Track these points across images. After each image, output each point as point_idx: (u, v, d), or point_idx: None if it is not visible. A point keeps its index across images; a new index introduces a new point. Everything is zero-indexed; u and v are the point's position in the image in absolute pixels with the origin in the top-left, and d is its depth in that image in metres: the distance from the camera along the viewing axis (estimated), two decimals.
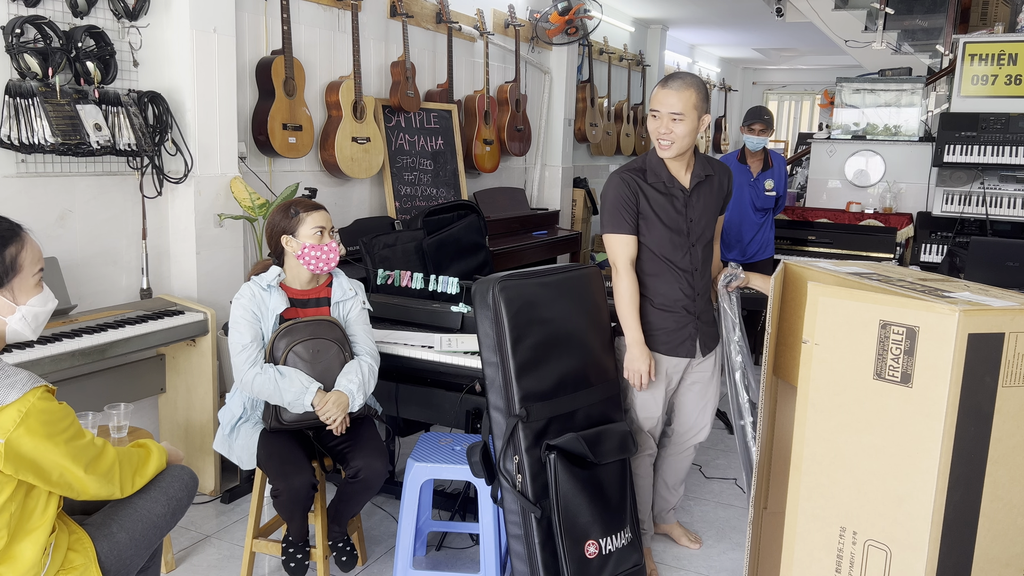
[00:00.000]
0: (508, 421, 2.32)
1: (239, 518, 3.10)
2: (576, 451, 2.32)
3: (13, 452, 1.52)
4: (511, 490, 2.32)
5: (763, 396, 2.02)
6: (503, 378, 2.34)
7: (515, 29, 5.78)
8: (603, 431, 2.43)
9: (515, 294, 2.35)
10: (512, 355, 2.32)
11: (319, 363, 2.44)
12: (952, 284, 1.67)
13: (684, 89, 2.38)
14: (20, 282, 1.62)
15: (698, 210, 2.53)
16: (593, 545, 2.35)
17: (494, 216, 5.29)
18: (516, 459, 2.32)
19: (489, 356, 2.35)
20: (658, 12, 8.18)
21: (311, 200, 2.61)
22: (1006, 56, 4.81)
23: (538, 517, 2.30)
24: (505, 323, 2.32)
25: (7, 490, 1.56)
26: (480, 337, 2.37)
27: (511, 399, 2.33)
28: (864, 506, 1.53)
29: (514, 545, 2.35)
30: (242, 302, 2.47)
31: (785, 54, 11.42)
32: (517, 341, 2.33)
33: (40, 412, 1.55)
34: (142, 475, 1.85)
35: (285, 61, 3.71)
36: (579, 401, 2.45)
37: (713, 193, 2.57)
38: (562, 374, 2.41)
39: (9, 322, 1.63)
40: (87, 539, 1.76)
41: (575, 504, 2.32)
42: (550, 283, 2.46)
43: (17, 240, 1.61)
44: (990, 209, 4.91)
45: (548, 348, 2.39)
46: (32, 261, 1.64)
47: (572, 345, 2.45)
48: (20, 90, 2.72)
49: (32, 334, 1.68)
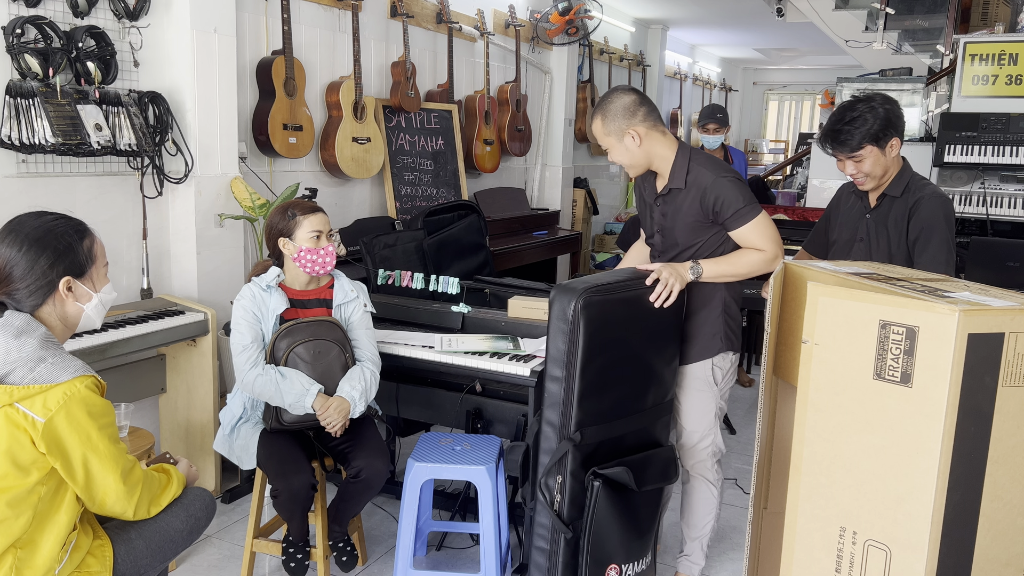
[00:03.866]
0: (560, 443, 2.22)
1: (239, 518, 3.10)
2: (622, 481, 2.25)
3: (51, 434, 1.56)
4: (547, 507, 2.25)
5: (763, 396, 2.02)
6: (564, 397, 2.21)
7: (515, 29, 5.78)
8: (650, 456, 2.35)
9: (597, 312, 2.18)
10: (580, 376, 2.19)
11: (320, 364, 2.45)
12: (952, 284, 1.67)
13: (592, 122, 2.40)
14: (96, 272, 1.76)
15: (665, 221, 2.43)
16: (614, 570, 2.31)
17: (494, 216, 5.29)
18: (560, 479, 2.24)
19: (554, 371, 2.22)
20: (658, 12, 8.18)
21: (310, 202, 2.59)
22: (1007, 56, 4.81)
23: (568, 538, 2.24)
24: (580, 342, 2.17)
25: (41, 471, 1.59)
26: (549, 348, 2.23)
27: (567, 420, 2.21)
28: (864, 506, 1.53)
29: (536, 557, 2.30)
30: (243, 303, 2.47)
31: (786, 54, 11.41)
32: (588, 362, 2.19)
33: (83, 400, 1.59)
34: (157, 504, 1.86)
35: (285, 61, 3.71)
36: (632, 424, 2.34)
37: (682, 207, 2.37)
38: (622, 396, 2.30)
39: (86, 309, 1.75)
40: (109, 548, 1.78)
41: (607, 530, 2.25)
42: (631, 299, 2.27)
43: (88, 233, 1.75)
44: (990, 209, 4.90)
45: (615, 371, 2.27)
46: (101, 252, 1.78)
47: (639, 367, 2.32)
48: (21, 90, 2.72)
49: (99, 321, 1.80)
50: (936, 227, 2.41)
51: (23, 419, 1.55)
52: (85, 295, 1.74)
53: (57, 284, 1.68)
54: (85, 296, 1.74)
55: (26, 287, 1.65)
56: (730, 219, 2.32)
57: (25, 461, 1.57)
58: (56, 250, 1.68)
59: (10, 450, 1.55)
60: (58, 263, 1.68)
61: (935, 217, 2.42)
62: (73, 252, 1.70)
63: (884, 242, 2.53)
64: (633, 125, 2.32)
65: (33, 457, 1.57)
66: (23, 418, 1.55)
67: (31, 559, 1.63)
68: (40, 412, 1.55)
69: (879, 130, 2.43)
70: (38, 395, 1.56)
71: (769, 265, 2.32)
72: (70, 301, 1.71)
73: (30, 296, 1.66)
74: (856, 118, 2.44)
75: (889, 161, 2.49)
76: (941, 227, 2.41)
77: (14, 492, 1.57)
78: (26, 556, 1.62)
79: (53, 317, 1.71)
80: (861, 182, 2.54)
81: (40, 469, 1.59)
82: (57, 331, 1.71)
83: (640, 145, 2.34)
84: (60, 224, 1.71)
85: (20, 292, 1.66)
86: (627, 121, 2.32)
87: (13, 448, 1.55)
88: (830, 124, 2.50)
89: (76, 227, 1.73)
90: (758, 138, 13.49)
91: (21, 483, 1.57)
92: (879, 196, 2.55)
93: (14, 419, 1.55)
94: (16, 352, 1.59)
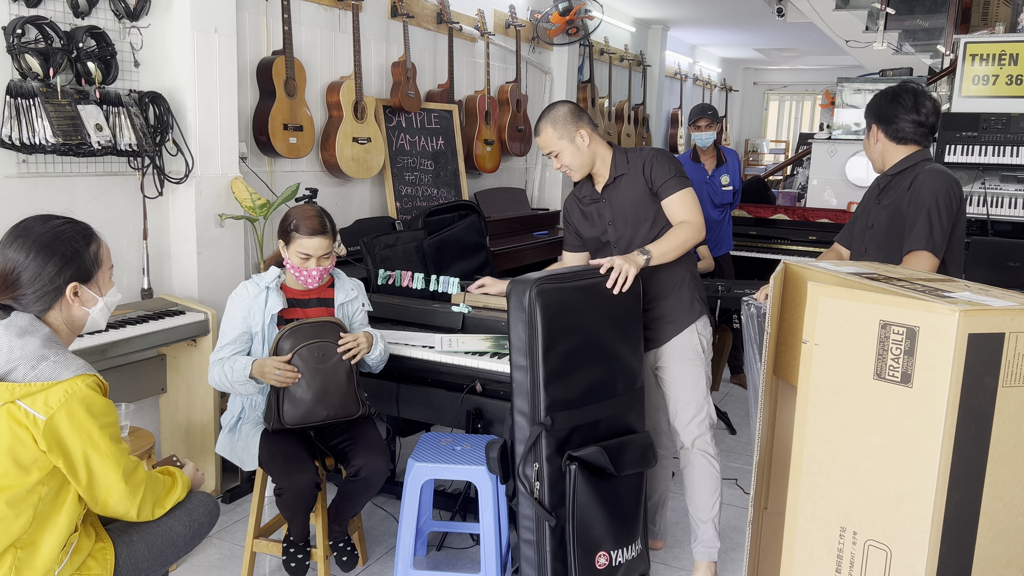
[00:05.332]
0: (532, 428, 2.28)
1: (240, 518, 3.10)
2: (598, 463, 2.29)
3: (52, 431, 1.57)
4: (528, 496, 2.29)
5: (763, 396, 2.02)
6: (531, 384, 2.28)
7: (516, 29, 5.78)
8: (626, 442, 2.39)
9: (552, 299, 2.28)
10: (543, 362, 2.26)
11: (325, 365, 2.44)
12: (952, 284, 1.67)
13: (541, 133, 2.57)
14: (101, 276, 1.78)
15: (614, 211, 2.59)
16: (604, 557, 2.33)
17: (495, 216, 5.29)
18: (536, 466, 2.28)
19: (519, 360, 2.30)
20: (659, 12, 8.18)
21: (317, 222, 2.50)
22: (1007, 56, 4.81)
23: (552, 526, 2.27)
24: (539, 329, 2.25)
25: (42, 470, 1.59)
26: (511, 339, 2.31)
27: (537, 406, 2.28)
28: (864, 506, 1.53)
29: (525, 550, 2.33)
30: (235, 301, 2.52)
31: (786, 54, 11.42)
32: (549, 348, 2.27)
33: (84, 398, 1.60)
34: (162, 506, 1.86)
35: (286, 61, 3.71)
36: (604, 411, 2.40)
37: (628, 187, 2.57)
38: (590, 383, 2.36)
39: (91, 312, 1.76)
40: (110, 551, 1.78)
41: (591, 515, 2.29)
42: (586, 287, 2.38)
43: (95, 238, 1.77)
44: (991, 209, 4.90)
45: (579, 356, 2.35)
46: (107, 256, 1.80)
47: (603, 353, 2.40)
48: (21, 90, 2.72)
49: (104, 323, 1.82)
50: (926, 203, 2.37)
51: (25, 416, 1.56)
52: (91, 300, 1.75)
53: (64, 290, 1.69)
54: (91, 301, 1.75)
55: (33, 292, 1.67)
56: (662, 187, 2.52)
57: (26, 459, 1.57)
58: (63, 256, 1.69)
59: (11, 448, 1.56)
60: (65, 269, 1.69)
61: (928, 191, 2.38)
62: (80, 258, 1.72)
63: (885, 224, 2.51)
64: (580, 127, 2.56)
65: (34, 455, 1.57)
66: (25, 415, 1.56)
67: (31, 560, 1.63)
68: (41, 410, 1.56)
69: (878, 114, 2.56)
70: (40, 393, 1.57)
71: (699, 234, 2.51)
72: (76, 306, 1.73)
73: (37, 301, 1.68)
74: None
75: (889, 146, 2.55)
76: (931, 203, 2.36)
77: (14, 491, 1.58)
78: (26, 557, 1.62)
79: (59, 321, 1.72)
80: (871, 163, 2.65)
81: (41, 468, 1.59)
82: (62, 333, 1.72)
83: (588, 144, 2.57)
84: (67, 229, 1.72)
85: (27, 297, 1.67)
86: (575, 124, 2.55)
87: (14, 446, 1.56)
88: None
89: (83, 232, 1.75)
90: (758, 138, 13.50)
91: (21, 482, 1.58)
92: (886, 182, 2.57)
93: (16, 416, 1.56)
94: (19, 350, 1.60)
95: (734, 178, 4.45)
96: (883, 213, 2.53)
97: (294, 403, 2.44)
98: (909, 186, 2.45)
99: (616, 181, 2.58)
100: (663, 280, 2.59)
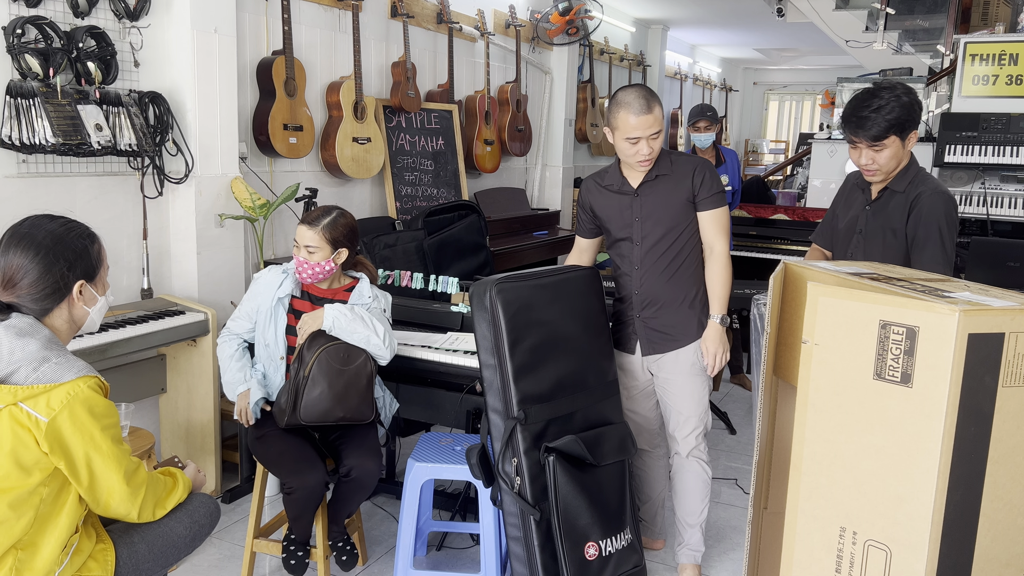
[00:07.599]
0: (506, 423, 2.32)
1: (240, 518, 3.10)
2: (575, 453, 2.32)
3: (54, 433, 1.57)
4: (510, 492, 2.32)
5: (763, 396, 2.02)
6: (501, 380, 2.33)
7: (516, 29, 5.78)
8: (602, 432, 2.43)
9: (513, 296, 2.35)
10: (510, 357, 2.32)
11: (348, 367, 2.44)
12: (952, 284, 1.67)
13: (654, 110, 2.41)
14: (102, 275, 1.81)
15: (647, 208, 2.52)
16: (593, 547, 2.34)
17: (495, 216, 5.29)
18: (515, 461, 2.31)
19: (487, 358, 2.35)
20: (659, 12, 8.18)
21: (313, 211, 2.60)
22: (1007, 56, 4.81)
23: (537, 520, 2.29)
24: (503, 325, 2.32)
25: (43, 472, 1.59)
26: (477, 339, 2.36)
27: (509, 401, 2.32)
28: (864, 506, 1.53)
29: (513, 547, 2.35)
30: (258, 278, 2.64)
31: (786, 54, 11.41)
32: (515, 343, 2.33)
33: (86, 400, 1.60)
34: (163, 507, 1.87)
35: (286, 61, 3.71)
36: (577, 403, 2.44)
37: (667, 190, 2.51)
38: (560, 376, 2.41)
39: (91, 311, 1.78)
40: (111, 552, 1.78)
41: (574, 506, 2.31)
42: (547, 284, 2.45)
43: (96, 238, 1.80)
44: (991, 209, 4.90)
45: (546, 350, 2.39)
46: (106, 256, 1.83)
47: (570, 347, 2.44)
48: (21, 90, 2.72)
49: (99, 323, 1.86)
50: (936, 226, 2.35)
51: (27, 418, 1.56)
52: (92, 299, 1.77)
53: (72, 287, 1.71)
54: (92, 300, 1.77)
55: (39, 291, 1.67)
56: (707, 199, 2.50)
57: (28, 461, 1.57)
58: (74, 252, 1.71)
59: (14, 450, 1.56)
60: (74, 267, 1.71)
61: (935, 215, 2.36)
62: (87, 256, 1.74)
63: (879, 238, 2.48)
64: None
65: (36, 457, 1.57)
66: (27, 417, 1.56)
67: (31, 561, 1.63)
68: (43, 412, 1.56)
69: (905, 120, 2.35)
70: (42, 395, 1.57)
71: (729, 263, 2.55)
72: (79, 304, 1.74)
73: (43, 300, 1.68)
74: (883, 106, 2.35)
75: (904, 155, 2.43)
76: (941, 226, 2.35)
77: (16, 493, 1.58)
78: (26, 558, 1.62)
79: (61, 320, 1.73)
80: (871, 173, 2.46)
81: (42, 470, 1.59)
82: (63, 334, 1.73)
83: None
84: (73, 228, 1.74)
85: (32, 296, 1.67)
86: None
87: (17, 448, 1.56)
88: (853, 109, 2.40)
89: (86, 232, 1.77)
90: (758, 138, 13.49)
91: (23, 484, 1.58)
92: (881, 190, 2.49)
93: (18, 418, 1.56)
94: (20, 352, 1.60)
95: (733, 178, 4.46)
96: (874, 222, 2.49)
97: (314, 402, 2.43)
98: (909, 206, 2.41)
99: (657, 179, 2.52)
100: (673, 291, 2.55)
